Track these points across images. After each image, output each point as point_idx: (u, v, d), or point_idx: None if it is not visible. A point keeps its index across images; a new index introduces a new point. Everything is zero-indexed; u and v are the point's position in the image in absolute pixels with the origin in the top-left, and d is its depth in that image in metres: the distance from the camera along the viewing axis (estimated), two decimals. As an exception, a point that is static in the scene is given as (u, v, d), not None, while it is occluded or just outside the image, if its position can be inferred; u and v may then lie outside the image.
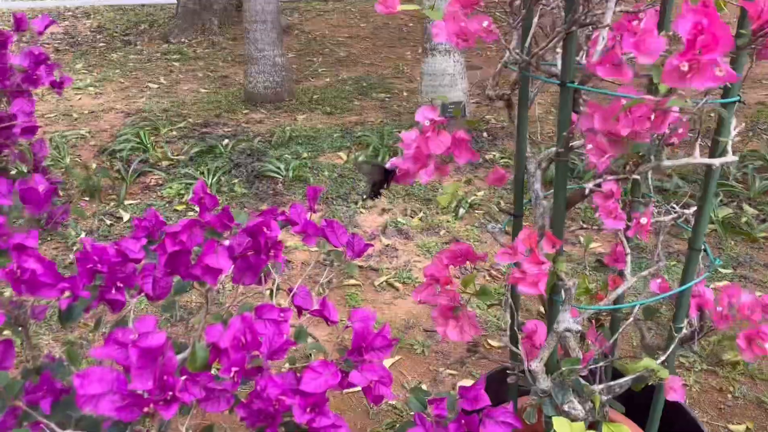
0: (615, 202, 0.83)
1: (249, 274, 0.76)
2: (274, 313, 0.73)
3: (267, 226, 0.73)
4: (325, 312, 0.81)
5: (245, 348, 0.67)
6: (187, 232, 0.69)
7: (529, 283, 0.87)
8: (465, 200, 3.66)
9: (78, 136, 4.71)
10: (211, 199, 0.75)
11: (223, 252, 0.70)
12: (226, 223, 0.72)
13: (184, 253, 0.70)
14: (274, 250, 0.75)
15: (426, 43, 4.57)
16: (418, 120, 0.95)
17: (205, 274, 0.69)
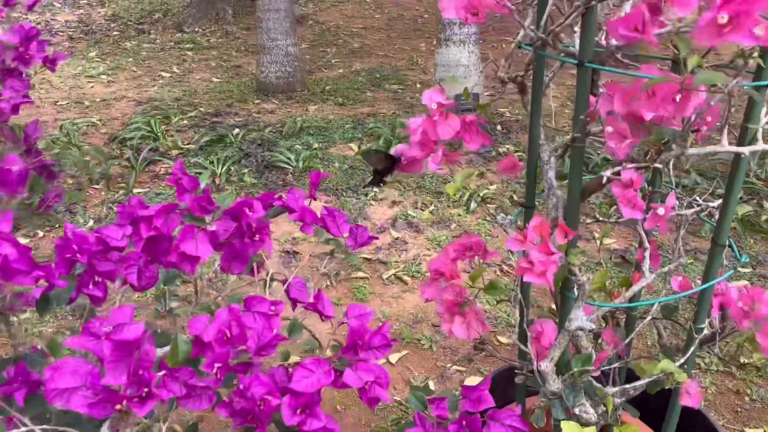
0: (634, 192, 0.77)
1: (237, 263, 0.71)
2: (265, 305, 0.68)
3: (249, 207, 0.67)
4: (320, 306, 0.76)
5: (230, 342, 0.62)
6: (162, 217, 0.64)
7: (536, 273, 0.81)
8: (477, 193, 3.59)
9: (89, 123, 4.70)
10: (190, 180, 0.70)
11: (203, 238, 0.65)
12: (204, 206, 0.67)
13: (161, 239, 0.65)
14: (258, 233, 0.70)
15: (440, 33, 4.50)
16: (425, 103, 0.90)
17: (182, 261, 0.64)
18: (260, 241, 0.70)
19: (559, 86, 5.53)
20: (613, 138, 0.78)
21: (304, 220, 0.80)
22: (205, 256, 0.65)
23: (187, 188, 0.70)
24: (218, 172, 3.83)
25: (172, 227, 0.66)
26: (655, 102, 0.74)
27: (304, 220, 0.80)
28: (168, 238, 0.66)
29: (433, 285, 1.20)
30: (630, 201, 0.75)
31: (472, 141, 0.93)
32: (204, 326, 0.64)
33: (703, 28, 0.59)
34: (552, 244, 0.81)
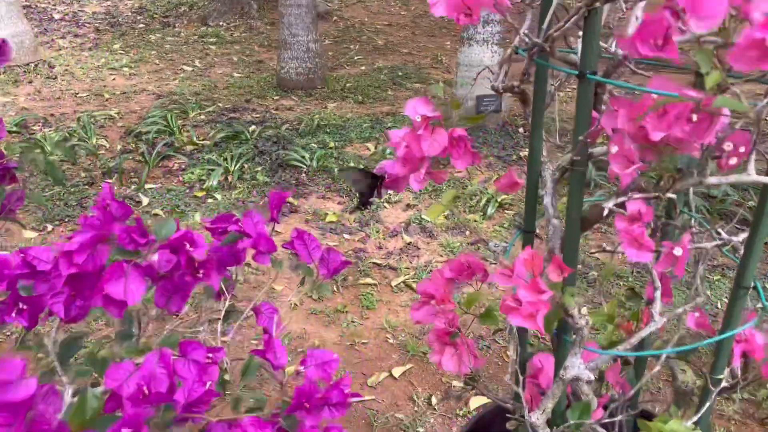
0: (642, 227, 0.65)
1: (176, 298, 0.62)
2: (201, 352, 0.59)
3: (190, 241, 0.58)
4: (269, 354, 0.66)
5: (148, 400, 0.53)
6: (86, 251, 0.55)
7: (524, 314, 0.70)
8: (495, 198, 3.46)
9: (107, 116, 4.67)
10: (120, 207, 0.61)
11: (135, 276, 0.56)
12: (135, 240, 0.58)
13: (86, 277, 0.56)
14: (203, 269, 0.60)
15: (463, 32, 4.37)
16: (408, 114, 0.79)
17: (107, 304, 0.55)
18: (205, 277, 0.61)
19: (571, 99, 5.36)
20: (617, 161, 0.67)
21: (258, 248, 0.70)
22: (136, 298, 0.56)
23: (116, 216, 0.61)
24: (231, 170, 3.77)
25: (99, 262, 0.57)
26: (667, 121, 0.63)
27: (257, 248, 0.70)
28: (95, 275, 0.57)
29: (423, 307, 1.10)
30: (636, 240, 0.64)
31: (460, 159, 0.82)
32: (125, 376, 0.55)
33: (742, 51, 0.47)
34: (541, 280, 0.70)
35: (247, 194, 3.58)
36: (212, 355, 0.60)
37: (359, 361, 2.34)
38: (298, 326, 2.52)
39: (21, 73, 5.57)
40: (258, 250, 0.70)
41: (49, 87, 5.34)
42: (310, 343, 2.42)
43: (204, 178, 3.71)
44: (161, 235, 0.59)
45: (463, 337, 1.04)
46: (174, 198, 3.52)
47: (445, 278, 1.08)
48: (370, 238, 3.20)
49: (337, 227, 3.28)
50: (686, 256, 0.67)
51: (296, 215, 3.40)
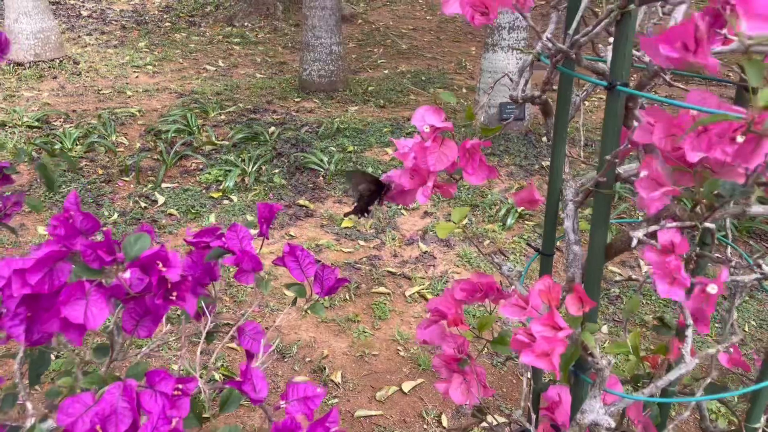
0: (678, 261, 0.57)
1: (146, 322, 0.56)
2: (169, 383, 0.52)
3: (162, 261, 0.52)
4: (245, 386, 0.59)
5: (104, 440, 0.46)
6: (41, 269, 0.49)
7: (537, 353, 0.62)
8: (515, 209, 3.37)
9: (128, 114, 4.67)
10: (87, 219, 0.54)
11: (98, 298, 0.50)
12: (101, 257, 0.52)
13: (42, 298, 0.50)
14: (176, 290, 0.54)
15: (488, 38, 4.29)
16: (415, 124, 0.72)
17: (65, 328, 0.49)
18: (179, 299, 0.54)
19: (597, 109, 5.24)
20: (644, 186, 0.59)
21: (242, 266, 0.63)
22: (97, 323, 0.50)
23: (81, 230, 0.54)
24: (248, 171, 3.73)
25: (58, 281, 0.51)
26: (707, 141, 0.55)
27: (241, 265, 0.63)
28: (53, 295, 0.51)
29: (432, 327, 1.03)
30: (669, 274, 0.56)
31: (474, 173, 0.75)
32: (81, 411, 0.48)
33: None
34: (558, 315, 0.62)
35: (264, 196, 3.53)
36: (183, 387, 0.53)
37: (368, 373, 2.27)
38: (308, 334, 2.46)
39: (46, 68, 5.61)
40: (241, 268, 0.63)
41: (73, 83, 5.36)
42: (319, 352, 2.36)
43: (221, 178, 3.68)
44: (132, 251, 0.53)
45: (473, 365, 0.97)
46: (190, 198, 3.48)
47: (456, 299, 1.00)
48: (386, 245, 3.13)
49: (353, 233, 3.22)
50: (720, 292, 0.59)
51: (312, 219, 3.35)
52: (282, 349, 2.35)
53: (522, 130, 4.35)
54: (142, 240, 0.54)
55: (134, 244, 0.53)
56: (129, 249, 0.53)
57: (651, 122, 0.60)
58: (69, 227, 0.53)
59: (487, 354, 2.36)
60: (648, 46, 0.46)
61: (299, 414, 0.60)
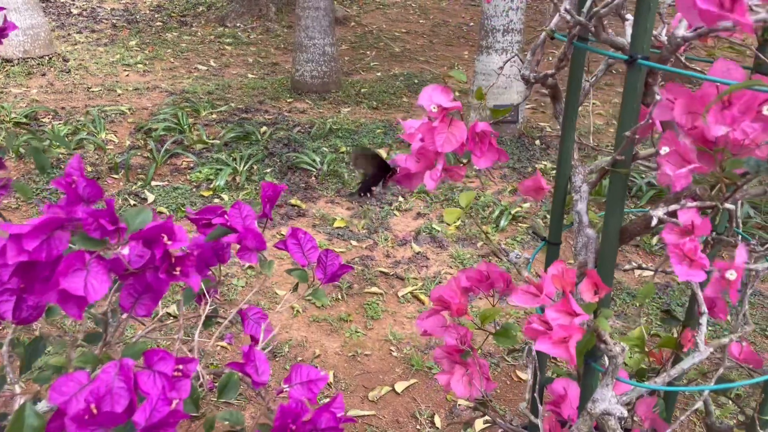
0: (695, 241, 0.55)
1: (145, 300, 0.53)
2: (169, 363, 0.49)
3: (168, 233, 0.49)
4: (248, 368, 0.56)
5: (97, 421, 0.43)
6: (39, 236, 0.46)
7: (554, 341, 0.60)
8: (508, 210, 3.36)
9: (118, 112, 4.62)
10: (90, 186, 0.51)
11: (98, 269, 0.47)
12: (103, 226, 0.49)
13: (39, 267, 0.47)
14: (180, 266, 0.51)
15: (482, 41, 4.28)
16: (421, 104, 0.70)
17: (63, 301, 0.46)
18: (183, 275, 0.51)
19: (605, 104, 5.25)
20: (670, 161, 0.57)
21: (245, 243, 0.61)
22: (98, 295, 0.47)
23: (83, 197, 0.51)
24: (239, 170, 3.69)
25: (56, 250, 0.48)
26: (731, 115, 0.53)
27: (244, 243, 0.61)
28: (49, 265, 0.48)
29: (433, 317, 1.00)
30: (687, 256, 0.54)
31: (483, 156, 0.73)
32: (74, 390, 0.45)
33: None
34: (574, 301, 0.60)
35: (255, 195, 3.50)
36: (183, 367, 0.50)
37: (361, 373, 2.24)
38: (299, 334, 2.43)
39: (35, 65, 5.54)
40: (244, 245, 0.61)
41: (62, 80, 5.30)
42: (311, 352, 2.32)
43: (212, 177, 3.64)
44: (134, 224, 0.50)
45: (475, 357, 0.94)
46: (180, 196, 3.44)
47: (461, 287, 0.98)
48: (378, 245, 3.11)
49: (345, 233, 3.19)
50: (740, 279, 0.57)
51: (304, 219, 3.32)
52: (273, 349, 2.32)
53: (515, 133, 4.35)
54: (144, 213, 0.52)
55: (136, 216, 0.51)
56: (131, 221, 0.50)
57: (671, 99, 0.58)
58: (71, 192, 0.49)
59: (481, 355, 2.33)
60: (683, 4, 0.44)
61: (303, 398, 0.57)
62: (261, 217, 0.67)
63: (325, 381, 0.61)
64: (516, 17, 4.17)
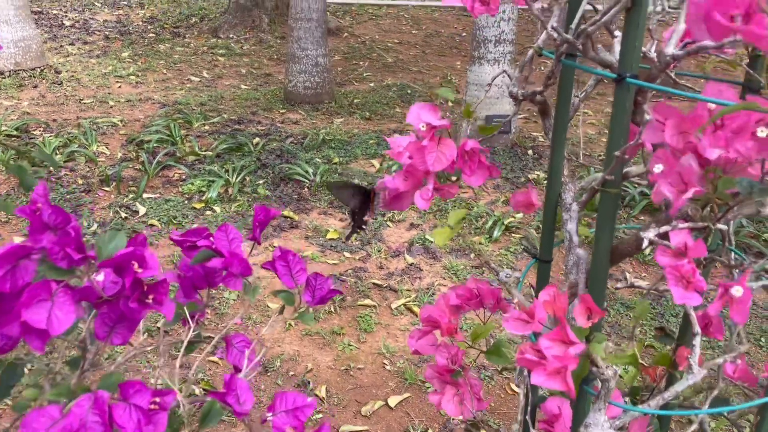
0: (692, 263, 0.54)
1: (121, 329, 0.51)
2: (145, 395, 0.48)
3: (139, 261, 0.47)
4: (229, 398, 0.55)
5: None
6: (3, 266, 0.44)
7: (549, 372, 0.58)
8: (501, 221, 3.35)
9: (110, 123, 4.60)
10: (56, 213, 0.49)
11: (65, 300, 0.45)
12: (69, 255, 0.47)
13: (3, 298, 0.45)
14: (153, 293, 0.49)
15: (474, 51, 4.29)
16: (410, 122, 0.68)
17: (26, 333, 0.44)
18: (156, 304, 0.50)
19: (597, 114, 5.26)
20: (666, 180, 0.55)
21: (230, 269, 0.59)
22: (61, 328, 0.45)
23: (50, 225, 0.49)
24: (232, 182, 3.67)
25: (21, 281, 0.46)
26: (724, 136, 0.52)
27: (229, 269, 0.59)
28: (15, 296, 0.46)
29: (424, 336, 0.98)
30: (684, 277, 0.53)
31: (474, 174, 0.71)
32: (46, 426, 0.44)
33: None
34: (569, 328, 0.58)
35: (247, 207, 3.48)
36: (160, 400, 0.49)
37: (354, 387, 2.22)
38: (292, 347, 2.40)
39: (26, 77, 5.52)
40: (230, 272, 0.59)
41: (54, 92, 5.28)
42: (303, 366, 2.30)
43: (204, 189, 3.62)
44: (106, 250, 0.49)
45: (467, 377, 0.93)
46: (171, 209, 3.42)
47: (450, 305, 0.96)
48: (371, 257, 3.09)
49: (338, 245, 3.17)
50: (748, 298, 0.56)
51: (296, 230, 3.30)
52: (265, 363, 2.29)
53: (508, 143, 4.35)
54: (117, 239, 0.50)
55: (108, 242, 0.49)
56: (103, 248, 0.48)
57: (661, 120, 0.57)
58: (36, 220, 0.48)
59: (475, 367, 2.31)
60: (693, 14, 0.43)
61: (287, 427, 0.55)
62: (250, 239, 0.66)
63: (312, 408, 0.59)
64: (508, 28, 4.19)
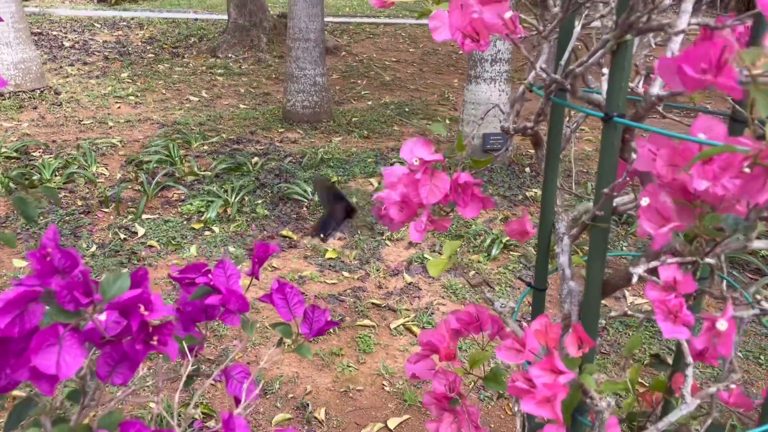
0: (680, 298, 0.55)
1: (122, 369, 0.52)
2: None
3: (145, 303, 0.48)
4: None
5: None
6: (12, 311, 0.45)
7: (539, 400, 0.59)
8: (499, 239, 3.36)
9: (109, 144, 4.62)
10: (66, 257, 0.51)
11: (72, 343, 0.46)
12: (77, 298, 0.48)
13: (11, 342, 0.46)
14: (158, 335, 0.50)
15: (471, 70, 4.33)
16: (403, 157, 0.70)
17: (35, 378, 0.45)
18: (161, 344, 0.51)
19: (593, 129, 5.30)
20: (649, 216, 0.57)
21: (228, 306, 0.60)
22: (70, 372, 0.46)
23: (59, 269, 0.51)
24: (231, 202, 3.69)
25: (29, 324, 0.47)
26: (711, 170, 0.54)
27: (227, 306, 0.60)
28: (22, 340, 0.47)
29: (422, 361, 0.99)
30: (671, 312, 0.54)
31: (468, 207, 0.73)
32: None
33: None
34: (559, 358, 0.59)
35: (246, 227, 3.49)
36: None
37: (353, 409, 2.21)
38: (291, 369, 2.40)
39: (26, 99, 5.55)
40: (227, 309, 0.60)
41: (54, 113, 5.31)
42: (302, 388, 2.30)
43: (203, 209, 3.63)
44: (111, 291, 0.50)
45: (464, 404, 0.93)
46: (170, 229, 3.43)
47: (450, 330, 0.97)
48: (370, 276, 3.09)
49: (337, 264, 3.18)
50: (733, 330, 0.57)
51: (295, 250, 3.31)
52: (264, 386, 2.29)
53: (505, 161, 4.38)
54: (121, 280, 0.51)
55: (113, 284, 0.50)
56: (107, 290, 0.49)
57: (653, 150, 0.58)
58: (46, 265, 0.49)
59: (474, 388, 2.31)
60: (665, 69, 0.45)
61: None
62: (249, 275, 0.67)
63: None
64: (504, 47, 4.23)
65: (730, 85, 0.42)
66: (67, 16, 9.19)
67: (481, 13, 0.59)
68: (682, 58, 0.43)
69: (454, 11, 0.60)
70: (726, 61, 0.42)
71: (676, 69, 0.43)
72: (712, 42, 0.42)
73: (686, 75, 0.43)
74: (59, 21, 8.79)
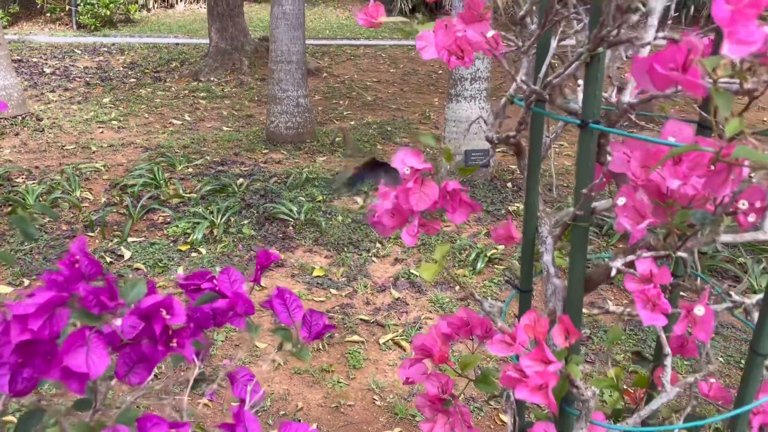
0: (657, 288, 0.60)
1: (139, 369, 0.55)
2: (162, 428, 0.51)
3: (167, 309, 0.52)
4: (239, 428, 0.59)
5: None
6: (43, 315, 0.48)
7: (531, 387, 0.63)
8: (484, 253, 3.41)
9: (93, 169, 4.62)
10: (91, 264, 0.54)
11: (98, 344, 0.49)
12: (104, 302, 0.51)
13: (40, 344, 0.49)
14: (177, 338, 0.54)
15: (451, 89, 4.42)
16: (396, 166, 0.74)
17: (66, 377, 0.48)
18: (179, 347, 0.54)
19: (572, 144, 5.41)
20: (626, 213, 0.61)
21: (235, 309, 0.64)
22: (99, 370, 0.49)
23: (85, 274, 0.54)
24: (216, 223, 3.70)
25: (57, 327, 0.50)
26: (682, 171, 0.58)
27: (234, 309, 0.64)
28: (50, 342, 0.50)
29: (416, 365, 1.03)
30: (650, 301, 0.58)
31: (456, 212, 0.77)
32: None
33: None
34: (547, 349, 0.64)
35: (233, 248, 3.50)
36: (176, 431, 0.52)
37: (344, 424, 2.23)
38: (281, 387, 2.41)
39: (8, 125, 5.54)
40: (235, 312, 0.64)
41: (36, 139, 5.30)
42: (293, 405, 2.31)
43: (189, 231, 3.64)
44: (130, 297, 0.53)
45: (457, 405, 0.97)
46: (157, 252, 3.43)
47: (441, 335, 1.01)
48: (358, 293, 3.12)
49: (324, 282, 3.20)
50: (710, 316, 0.61)
51: (282, 269, 3.33)
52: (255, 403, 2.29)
53: (487, 177, 4.45)
54: (138, 286, 0.54)
55: (131, 290, 0.53)
56: (128, 295, 0.53)
57: (627, 153, 0.63)
58: (74, 271, 0.52)
59: (464, 399, 2.34)
60: (638, 69, 0.49)
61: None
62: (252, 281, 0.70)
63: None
64: (483, 66, 4.32)
65: (694, 83, 0.47)
66: (47, 42, 9.19)
67: (464, 32, 0.63)
68: (654, 57, 0.47)
69: (440, 31, 0.65)
70: (691, 61, 0.47)
71: (647, 69, 0.48)
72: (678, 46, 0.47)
73: (656, 73, 0.47)
74: (39, 48, 8.79)
